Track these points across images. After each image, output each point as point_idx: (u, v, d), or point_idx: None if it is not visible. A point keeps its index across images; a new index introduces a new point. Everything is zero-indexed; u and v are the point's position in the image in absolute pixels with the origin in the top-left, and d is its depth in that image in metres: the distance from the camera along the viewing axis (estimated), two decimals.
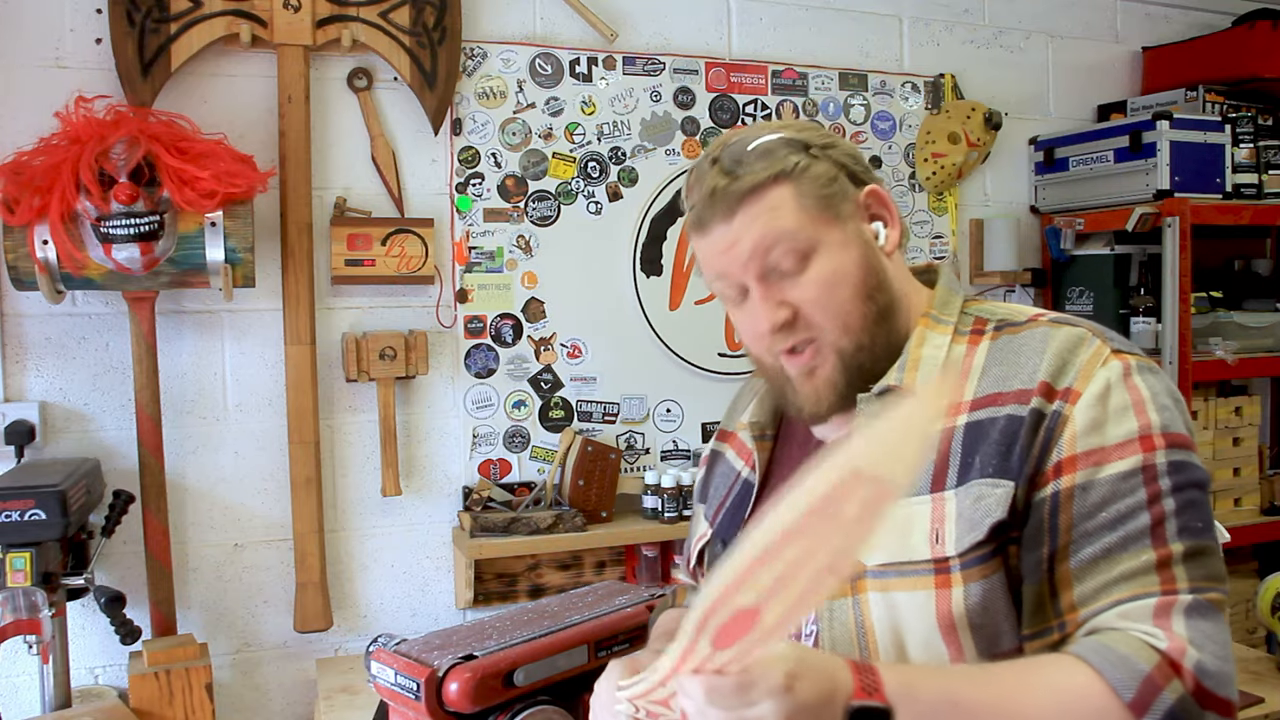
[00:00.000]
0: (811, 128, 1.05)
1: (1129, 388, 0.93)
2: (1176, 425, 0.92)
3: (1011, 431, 0.93)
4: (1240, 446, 2.79)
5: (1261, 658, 2.13)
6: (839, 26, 2.75)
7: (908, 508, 0.95)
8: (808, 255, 0.99)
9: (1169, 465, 0.90)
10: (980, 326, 1.03)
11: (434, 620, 2.37)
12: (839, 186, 1.01)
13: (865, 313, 1.00)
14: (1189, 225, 2.56)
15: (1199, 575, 0.88)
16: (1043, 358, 0.95)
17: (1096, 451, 0.91)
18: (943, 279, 1.08)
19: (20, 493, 1.75)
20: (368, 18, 2.22)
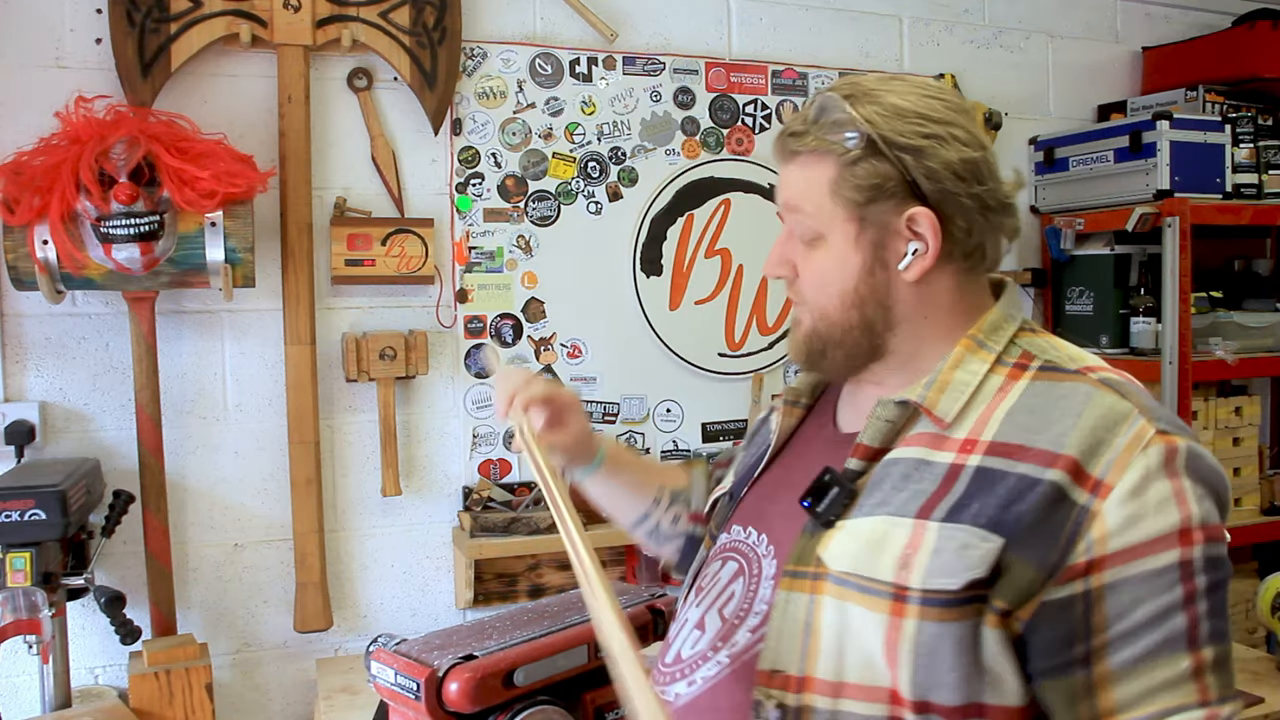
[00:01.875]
0: (926, 116, 0.96)
1: (1169, 475, 0.87)
2: (1214, 516, 0.88)
3: (1019, 493, 0.88)
4: (1240, 446, 2.79)
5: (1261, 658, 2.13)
6: (839, 26, 2.75)
7: (887, 524, 0.92)
8: (819, 240, 0.99)
9: (1205, 561, 0.87)
10: (1025, 361, 0.97)
11: (434, 620, 2.37)
12: (884, 194, 0.95)
13: (845, 319, 0.99)
14: (1189, 225, 2.56)
15: (1226, 684, 0.87)
16: (1076, 424, 0.89)
17: (1133, 549, 0.86)
18: (1002, 301, 1.02)
19: (20, 493, 1.75)
20: (368, 18, 2.22)
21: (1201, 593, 0.86)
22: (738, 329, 2.65)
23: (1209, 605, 0.86)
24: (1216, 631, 0.87)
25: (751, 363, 2.66)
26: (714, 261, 2.62)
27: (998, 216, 0.98)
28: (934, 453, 0.94)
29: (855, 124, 0.95)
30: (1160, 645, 0.85)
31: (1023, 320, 1.02)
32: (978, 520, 0.88)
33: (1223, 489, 0.90)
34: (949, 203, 0.95)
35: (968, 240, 0.97)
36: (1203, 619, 0.86)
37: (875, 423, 0.99)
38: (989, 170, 0.97)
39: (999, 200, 0.98)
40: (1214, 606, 0.87)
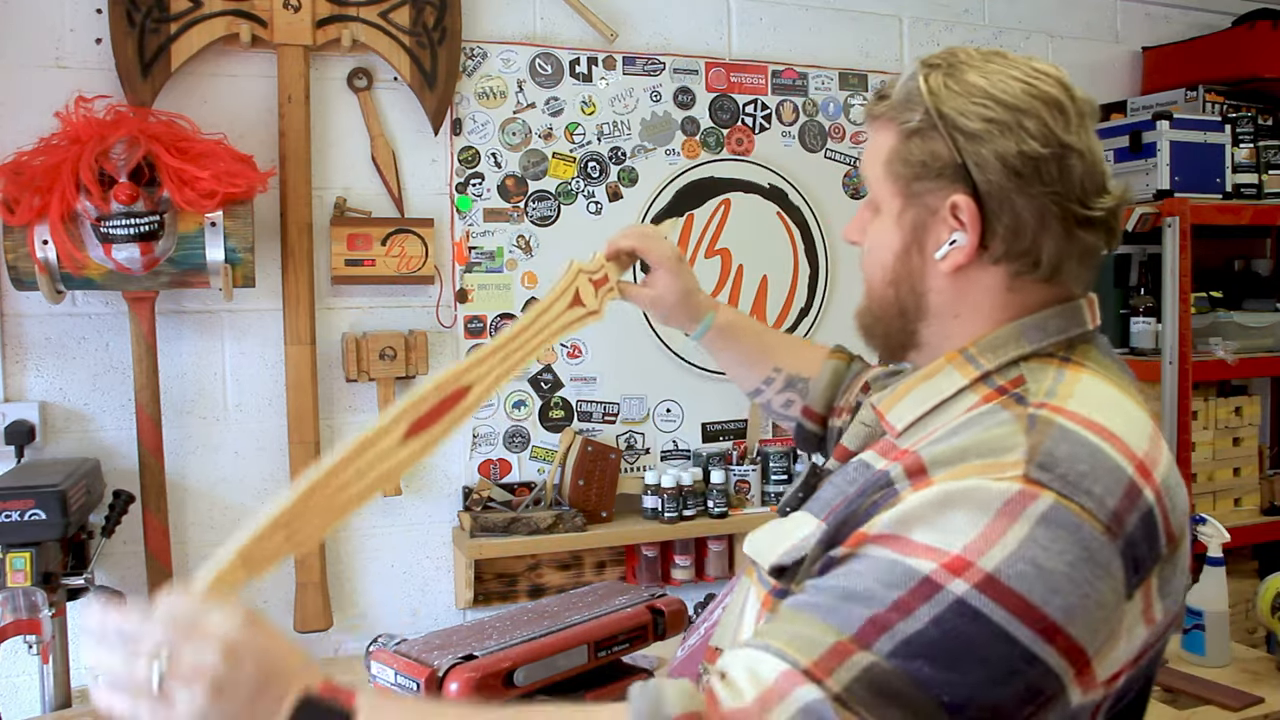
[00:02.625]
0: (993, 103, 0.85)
1: (997, 512, 0.73)
2: (1024, 585, 0.70)
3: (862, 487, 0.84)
4: (1240, 446, 2.79)
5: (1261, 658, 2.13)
6: (839, 26, 2.75)
7: (801, 520, 0.92)
8: (876, 209, 0.95)
9: (959, 604, 0.70)
10: (1009, 387, 0.85)
11: (434, 620, 2.36)
12: (930, 173, 0.88)
13: (883, 294, 0.94)
14: (1189, 225, 2.56)
15: (866, 699, 0.69)
16: (959, 439, 0.80)
17: (894, 539, 0.75)
18: (1026, 320, 0.89)
19: (20, 493, 1.75)
20: (368, 18, 2.22)
21: (923, 619, 0.70)
22: None
23: (931, 636, 0.70)
24: (915, 664, 0.70)
25: None
26: (714, 261, 2.62)
27: (1065, 225, 0.86)
28: (879, 458, 0.89)
29: (919, 94, 0.89)
30: (827, 608, 0.74)
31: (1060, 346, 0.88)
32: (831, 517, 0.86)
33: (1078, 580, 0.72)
34: (997, 196, 0.85)
35: (1015, 241, 0.86)
36: (895, 638, 0.70)
37: (856, 425, 1.00)
38: (1062, 172, 0.85)
39: (1071, 210, 0.85)
40: (937, 649, 0.70)
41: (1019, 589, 0.70)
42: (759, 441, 2.65)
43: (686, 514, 2.43)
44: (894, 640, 0.70)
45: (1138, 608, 0.77)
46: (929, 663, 0.70)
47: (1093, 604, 0.72)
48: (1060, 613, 0.71)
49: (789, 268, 2.70)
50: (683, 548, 2.48)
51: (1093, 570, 0.72)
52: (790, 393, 1.32)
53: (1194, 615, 2.09)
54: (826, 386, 1.28)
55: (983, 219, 0.86)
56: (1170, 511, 0.80)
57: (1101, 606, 0.73)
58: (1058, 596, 0.71)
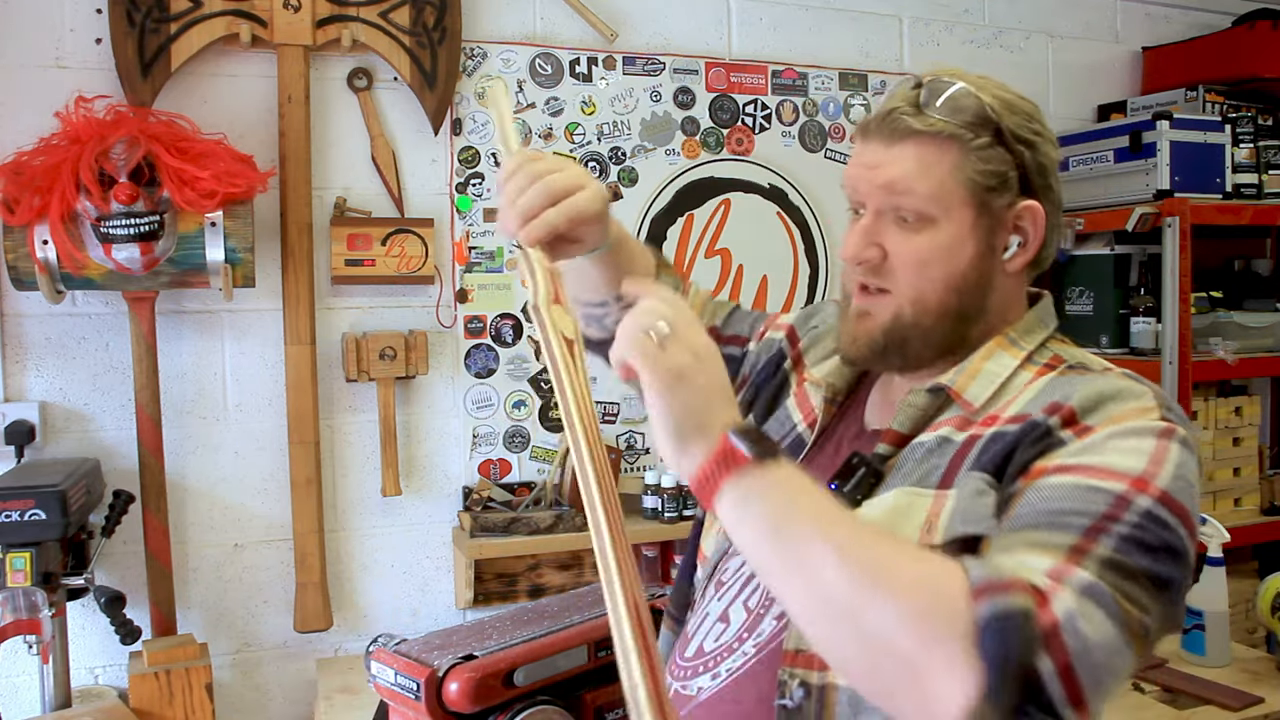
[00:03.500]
0: (1029, 113, 0.99)
1: (1158, 438, 0.86)
2: (1184, 499, 0.83)
3: (1013, 439, 0.90)
4: (1240, 446, 2.79)
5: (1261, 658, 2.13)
6: (839, 26, 2.75)
7: (910, 496, 0.93)
8: (927, 222, 0.96)
9: (1149, 515, 0.80)
10: (1055, 363, 0.99)
11: (434, 620, 2.37)
12: (1000, 184, 0.96)
13: (943, 302, 0.98)
14: (1189, 225, 2.55)
15: (1118, 580, 0.76)
16: (1088, 387, 0.91)
17: (1081, 467, 0.83)
18: (1038, 308, 1.04)
19: (20, 493, 1.75)
20: (368, 18, 2.22)
21: (1130, 523, 0.79)
22: None
23: (1134, 535, 0.79)
24: (1130, 555, 0.78)
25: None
26: (714, 261, 2.62)
27: (1060, 217, 1.03)
28: (959, 432, 0.96)
29: (985, 110, 0.96)
30: (1047, 524, 0.80)
31: (1055, 331, 1.04)
32: (985, 467, 0.90)
33: (1196, 492, 0.87)
34: (1047, 199, 0.99)
35: (1052, 235, 1.01)
36: (1118, 536, 0.78)
37: (906, 409, 0.99)
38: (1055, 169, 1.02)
39: (1062, 201, 1.03)
40: (1141, 543, 0.79)
41: (1182, 500, 0.84)
42: None
43: (686, 514, 2.43)
44: (1112, 540, 0.79)
45: None
46: (1141, 558, 0.79)
47: (1198, 505, 0.88)
48: (1195, 516, 0.86)
49: (789, 268, 2.71)
50: (683, 548, 2.48)
51: (1198, 480, 0.88)
52: (608, 306, 1.18)
53: (1194, 615, 2.09)
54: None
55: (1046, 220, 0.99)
56: None
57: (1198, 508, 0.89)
58: (1194, 503, 0.86)
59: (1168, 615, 0.82)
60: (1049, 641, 0.70)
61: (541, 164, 0.99)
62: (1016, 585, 0.72)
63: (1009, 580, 0.72)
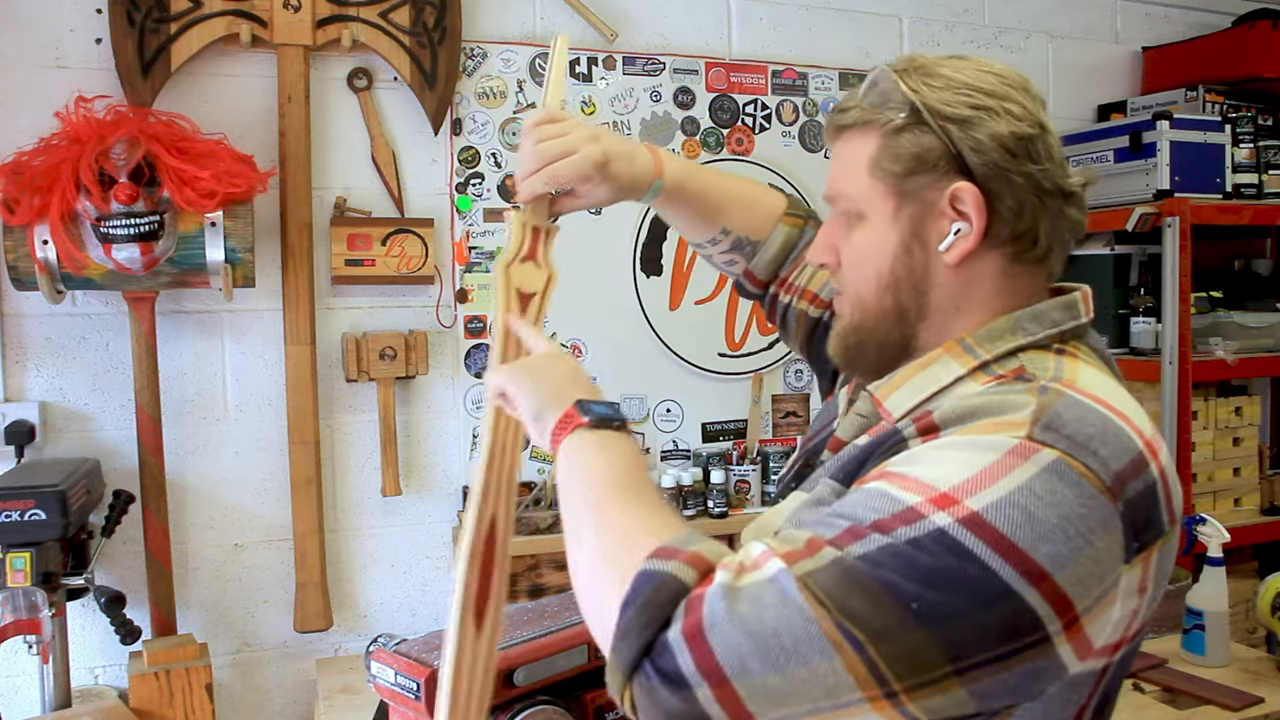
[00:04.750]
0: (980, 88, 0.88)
1: (995, 461, 0.74)
2: (1012, 529, 0.71)
3: (873, 444, 0.86)
4: (1240, 446, 2.79)
5: (1261, 658, 2.13)
6: (839, 26, 2.75)
7: (793, 501, 0.95)
8: (859, 219, 0.93)
9: (937, 535, 0.71)
10: (1009, 375, 0.85)
11: (434, 620, 2.37)
12: (925, 166, 0.87)
13: (880, 302, 0.92)
14: (1189, 225, 2.55)
15: (831, 583, 0.71)
16: (966, 402, 0.81)
17: (889, 475, 0.77)
18: (1023, 313, 0.89)
19: (20, 493, 1.75)
20: (368, 18, 2.22)
21: (900, 539, 0.71)
22: (738, 329, 2.65)
23: (892, 555, 0.71)
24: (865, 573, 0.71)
25: (751, 363, 2.66)
26: None
27: (1056, 201, 0.88)
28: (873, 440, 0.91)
29: (900, 93, 0.89)
30: (813, 522, 0.77)
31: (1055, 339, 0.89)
32: (838, 475, 0.88)
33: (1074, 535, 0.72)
34: (997, 179, 0.86)
35: (1017, 222, 0.87)
36: (867, 545, 0.72)
37: (851, 416, 0.98)
38: (1047, 151, 0.88)
39: (1057, 185, 0.88)
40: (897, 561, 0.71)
41: (1005, 530, 0.71)
42: (759, 441, 2.65)
43: (686, 514, 2.43)
44: (866, 547, 0.72)
45: (1136, 576, 0.77)
46: (899, 574, 0.71)
47: (1086, 559, 0.72)
48: (1047, 560, 0.71)
49: None
50: None
51: (1088, 527, 0.73)
52: (735, 254, 1.28)
53: (1194, 615, 2.09)
54: (775, 255, 1.27)
55: (987, 203, 0.87)
56: (1172, 494, 0.81)
57: (1096, 562, 0.73)
58: (1046, 544, 0.71)
59: (954, 649, 0.70)
60: (688, 607, 0.73)
61: (544, 128, 1.12)
62: (691, 558, 0.76)
63: (690, 552, 0.76)
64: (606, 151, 1.12)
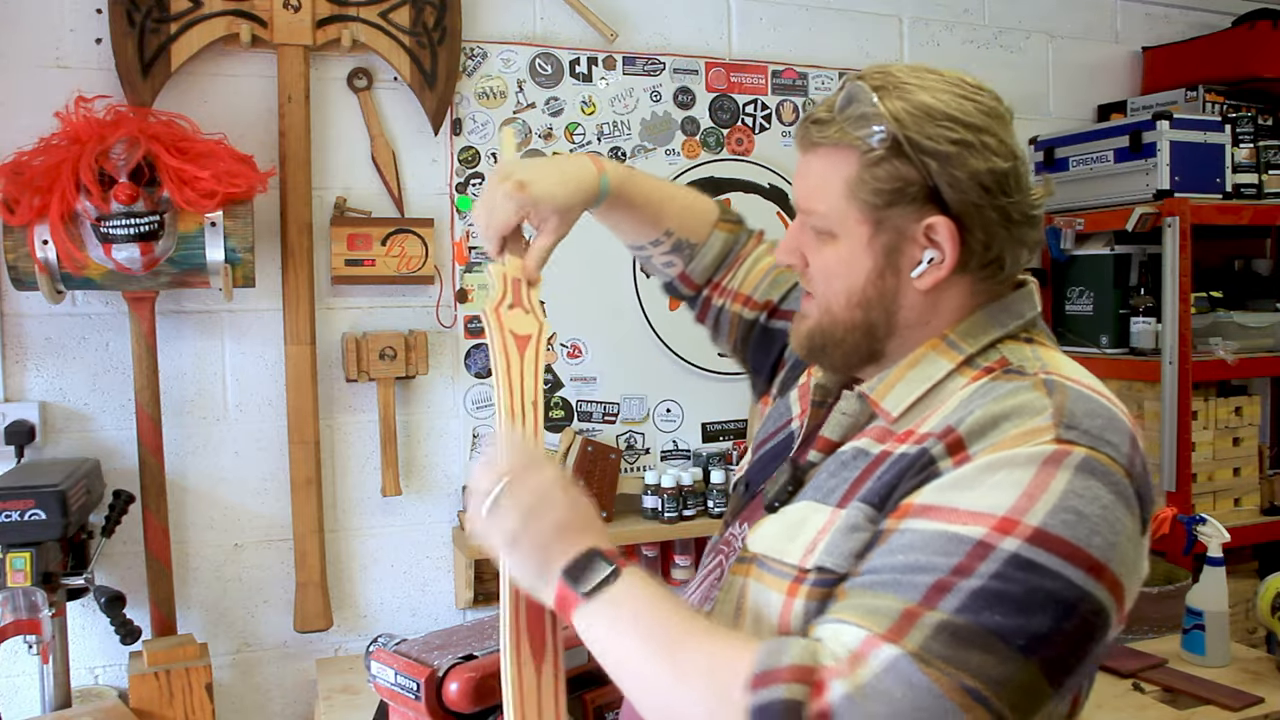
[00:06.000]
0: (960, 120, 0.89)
1: (1036, 474, 0.79)
2: (1072, 531, 0.77)
3: (901, 469, 0.87)
4: (1240, 446, 2.78)
5: (1261, 658, 2.13)
6: (839, 26, 2.75)
7: (809, 510, 0.93)
8: (830, 237, 0.95)
9: (1014, 560, 0.75)
10: (996, 366, 0.91)
11: (434, 620, 2.37)
12: (904, 199, 0.90)
13: (849, 316, 0.95)
14: (1189, 225, 2.55)
15: (946, 649, 0.73)
16: (984, 408, 0.85)
17: (939, 509, 0.80)
18: (994, 306, 0.95)
19: (20, 493, 1.75)
20: (368, 18, 2.22)
21: (985, 574, 0.75)
22: None
23: (988, 588, 0.75)
24: (980, 616, 0.74)
25: None
26: None
27: (1021, 229, 0.93)
28: (876, 444, 0.93)
29: (882, 120, 0.89)
30: (890, 583, 0.78)
31: (1022, 329, 0.95)
32: (870, 498, 0.88)
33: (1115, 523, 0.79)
34: (971, 214, 0.90)
35: (985, 253, 0.92)
36: (965, 592, 0.75)
37: (836, 416, 1.00)
38: (1017, 182, 0.91)
39: (1024, 213, 0.92)
40: (999, 596, 0.75)
41: (1065, 535, 0.77)
42: None
43: (686, 514, 2.43)
44: (959, 597, 0.75)
45: (1147, 542, 0.86)
46: (997, 612, 0.75)
47: (1125, 539, 0.80)
48: (1101, 551, 0.78)
49: None
50: (683, 548, 2.48)
51: (1123, 509, 0.80)
52: (675, 255, 1.31)
53: (1194, 615, 2.09)
54: (713, 260, 1.30)
55: (960, 236, 0.90)
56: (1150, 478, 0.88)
57: (1131, 541, 0.81)
58: (1098, 536, 0.78)
59: (1051, 667, 0.75)
60: None
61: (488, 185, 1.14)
62: (793, 673, 0.75)
63: (787, 667, 0.76)
64: (548, 170, 1.15)
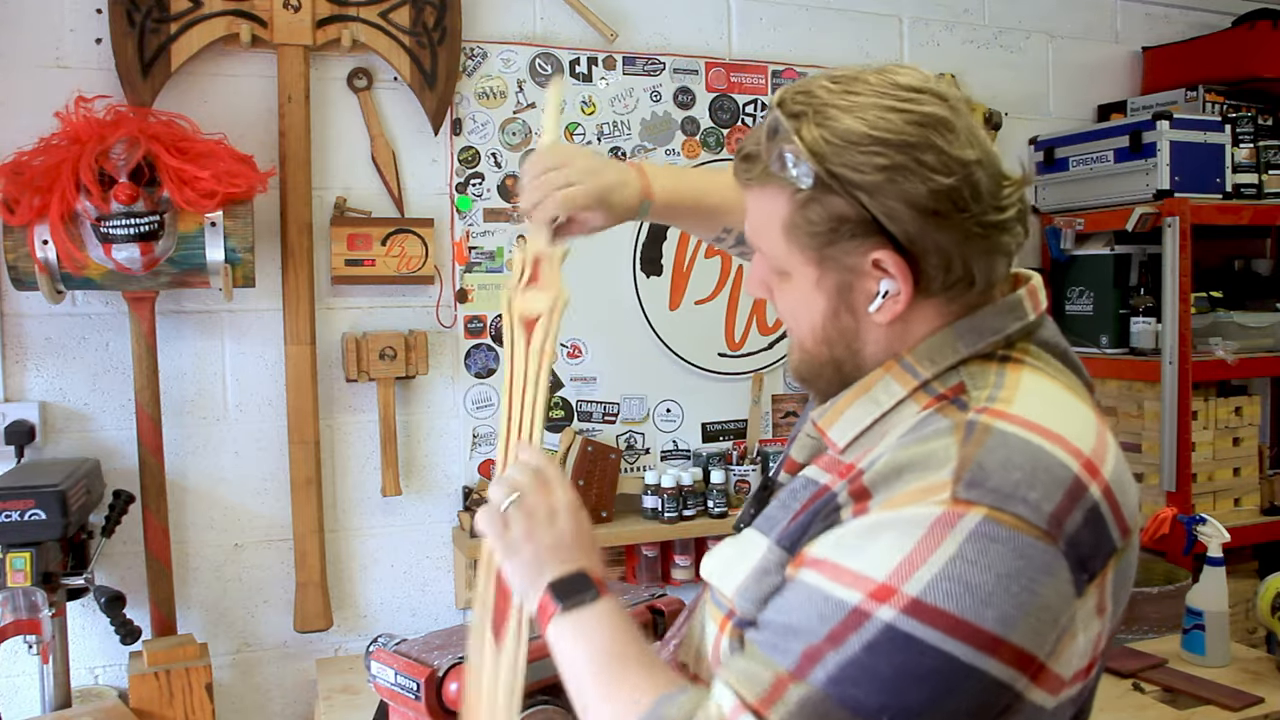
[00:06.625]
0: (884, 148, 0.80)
1: (923, 537, 0.73)
2: (954, 603, 0.71)
3: (815, 510, 0.84)
4: (1240, 446, 2.78)
5: (1261, 658, 2.13)
6: (839, 26, 2.75)
7: (752, 539, 0.91)
8: (783, 274, 0.90)
9: (888, 632, 0.71)
10: (949, 394, 0.84)
11: (434, 620, 2.37)
12: (842, 235, 0.83)
13: (817, 353, 0.91)
14: (1189, 225, 2.55)
15: None
16: (888, 458, 0.80)
17: (826, 564, 0.78)
18: (961, 324, 0.86)
19: (20, 493, 1.75)
20: (368, 18, 2.22)
21: (856, 647, 0.72)
22: (738, 329, 2.65)
23: (854, 670, 0.72)
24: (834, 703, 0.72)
25: (751, 363, 2.66)
26: (714, 261, 2.62)
27: (988, 240, 0.83)
28: (824, 474, 0.89)
29: (801, 157, 0.82)
30: (769, 644, 0.78)
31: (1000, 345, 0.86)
32: (784, 541, 0.86)
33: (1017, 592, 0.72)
34: (919, 240, 0.81)
35: (947, 275, 0.83)
36: (829, 667, 0.73)
37: (802, 438, 0.98)
38: (972, 192, 0.81)
39: (990, 221, 0.82)
40: (860, 674, 0.72)
41: (948, 608, 0.71)
42: (759, 441, 2.65)
43: (686, 514, 2.43)
44: (827, 670, 0.73)
45: (1091, 603, 0.77)
46: (866, 689, 0.72)
47: (1035, 608, 0.72)
48: (997, 624, 0.71)
49: None
50: (683, 548, 2.48)
51: (1030, 577, 0.72)
52: (743, 247, 1.28)
53: (1194, 615, 2.09)
54: None
55: (910, 264, 0.82)
56: (1122, 505, 0.80)
57: (1046, 609, 0.73)
58: (990, 609, 0.71)
59: None
60: None
61: (549, 159, 1.15)
62: None
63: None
64: (607, 184, 1.17)
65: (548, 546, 0.95)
